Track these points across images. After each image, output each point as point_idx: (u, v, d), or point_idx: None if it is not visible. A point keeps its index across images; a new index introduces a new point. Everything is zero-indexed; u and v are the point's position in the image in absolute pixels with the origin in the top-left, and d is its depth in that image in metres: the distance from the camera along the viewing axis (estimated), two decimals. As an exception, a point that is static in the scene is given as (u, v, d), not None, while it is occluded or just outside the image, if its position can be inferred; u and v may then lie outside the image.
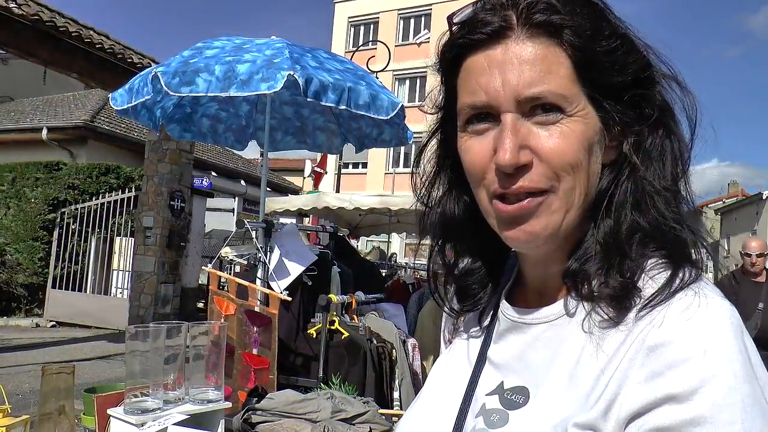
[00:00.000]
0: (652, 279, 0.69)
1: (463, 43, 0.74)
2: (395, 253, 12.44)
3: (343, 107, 3.79)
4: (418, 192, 0.90)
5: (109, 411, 1.85)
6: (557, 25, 0.69)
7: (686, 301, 0.65)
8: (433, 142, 0.88)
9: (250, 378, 3.62)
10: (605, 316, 0.69)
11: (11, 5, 7.98)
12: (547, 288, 0.80)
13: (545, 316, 0.77)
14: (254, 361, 3.59)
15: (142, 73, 4.02)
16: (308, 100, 3.69)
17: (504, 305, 0.84)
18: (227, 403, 2.02)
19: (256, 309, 3.63)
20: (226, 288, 3.94)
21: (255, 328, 3.65)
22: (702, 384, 0.58)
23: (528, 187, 0.70)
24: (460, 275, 0.90)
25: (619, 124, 0.73)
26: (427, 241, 0.93)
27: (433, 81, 0.85)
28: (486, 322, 0.89)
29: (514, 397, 0.76)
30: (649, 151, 0.73)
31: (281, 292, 3.63)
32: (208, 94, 3.62)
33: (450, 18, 0.76)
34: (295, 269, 3.94)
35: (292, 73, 3.49)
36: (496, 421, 0.76)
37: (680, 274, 0.67)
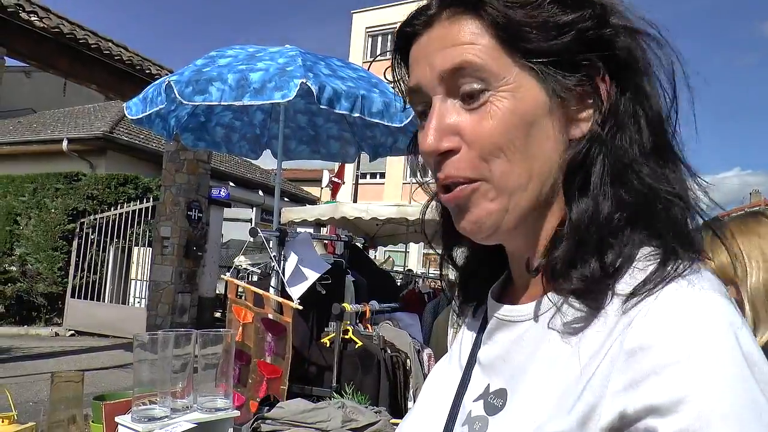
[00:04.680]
0: (642, 271, 0.60)
1: (401, 44, 0.75)
2: (411, 270, 12.43)
3: (357, 115, 3.77)
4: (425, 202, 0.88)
5: (117, 419, 1.84)
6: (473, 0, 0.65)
7: (675, 295, 0.56)
8: None
9: (262, 388, 3.60)
10: (580, 313, 0.61)
11: (33, 18, 8.14)
12: (531, 283, 0.73)
13: (527, 313, 0.70)
14: (267, 370, 3.58)
15: (156, 82, 4.04)
16: (321, 108, 3.68)
17: (491, 303, 0.78)
18: (236, 411, 2.00)
19: (270, 316, 3.62)
20: (243, 297, 3.94)
21: (270, 336, 3.64)
22: (686, 393, 0.50)
23: (454, 176, 0.66)
24: (467, 277, 0.87)
25: (572, 91, 0.65)
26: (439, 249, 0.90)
27: None
28: (479, 324, 0.84)
29: (495, 401, 0.70)
30: (620, 116, 0.64)
31: (295, 301, 3.61)
32: (222, 103, 3.62)
33: None
34: (308, 278, 3.92)
35: (305, 80, 3.48)
36: (478, 430, 0.71)
37: (671, 263, 0.58)
